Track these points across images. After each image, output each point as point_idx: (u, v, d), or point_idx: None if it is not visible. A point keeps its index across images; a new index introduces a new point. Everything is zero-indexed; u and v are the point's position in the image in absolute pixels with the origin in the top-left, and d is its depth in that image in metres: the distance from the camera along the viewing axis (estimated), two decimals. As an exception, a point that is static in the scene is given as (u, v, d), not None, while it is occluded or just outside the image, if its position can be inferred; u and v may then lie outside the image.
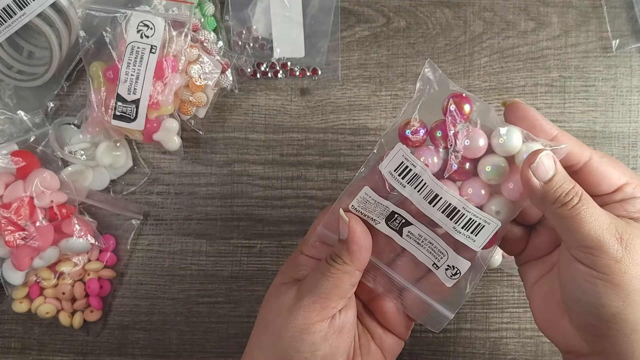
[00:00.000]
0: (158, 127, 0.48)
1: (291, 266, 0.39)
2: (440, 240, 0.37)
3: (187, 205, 0.52)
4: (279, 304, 0.37)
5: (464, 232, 0.36)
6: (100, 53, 0.47)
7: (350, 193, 0.37)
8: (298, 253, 0.40)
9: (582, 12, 0.52)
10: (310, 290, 0.36)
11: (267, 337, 0.37)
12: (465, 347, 0.51)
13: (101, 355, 0.52)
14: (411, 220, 0.36)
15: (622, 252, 0.33)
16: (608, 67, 0.52)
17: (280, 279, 0.39)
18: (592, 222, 0.33)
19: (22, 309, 0.50)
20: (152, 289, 0.52)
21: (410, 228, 0.36)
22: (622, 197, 0.36)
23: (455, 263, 0.37)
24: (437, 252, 0.37)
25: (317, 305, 0.35)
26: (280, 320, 0.36)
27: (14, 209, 0.46)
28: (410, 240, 0.37)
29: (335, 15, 0.51)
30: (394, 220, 0.37)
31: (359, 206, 0.37)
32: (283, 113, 0.52)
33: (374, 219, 0.37)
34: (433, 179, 0.35)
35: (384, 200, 0.36)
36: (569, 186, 0.33)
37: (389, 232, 0.37)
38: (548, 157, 0.33)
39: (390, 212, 0.36)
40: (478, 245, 0.36)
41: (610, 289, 0.33)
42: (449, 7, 0.52)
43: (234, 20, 0.52)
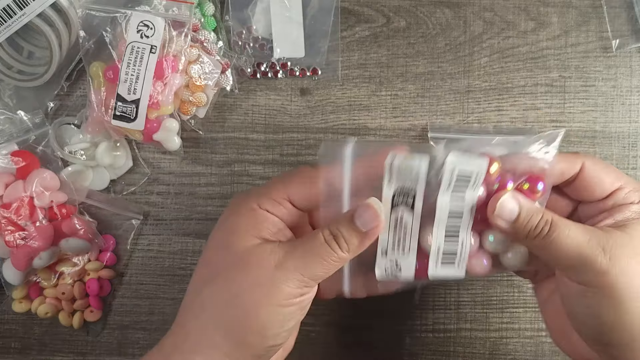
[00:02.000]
0: (158, 127, 0.48)
1: (250, 224, 0.35)
2: (414, 241, 0.36)
3: (187, 205, 0.52)
4: (251, 267, 0.33)
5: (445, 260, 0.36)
6: (100, 53, 0.47)
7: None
8: (256, 207, 0.35)
9: (582, 12, 0.52)
10: (300, 268, 0.33)
11: (234, 307, 0.33)
12: (465, 347, 0.51)
13: (101, 355, 0.52)
14: (415, 207, 0.35)
15: (607, 263, 0.33)
16: (608, 67, 0.52)
17: (232, 237, 0.35)
18: (568, 243, 0.33)
19: (22, 309, 0.50)
20: (152, 289, 0.52)
21: (406, 212, 0.35)
22: (614, 203, 0.36)
23: (403, 263, 0.36)
24: (400, 246, 0.36)
25: (303, 284, 0.33)
26: (256, 291, 0.33)
27: (14, 209, 0.46)
28: (395, 219, 0.35)
29: (335, 15, 0.51)
30: (403, 196, 0.35)
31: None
32: (283, 113, 0.52)
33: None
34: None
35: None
36: (537, 218, 0.34)
37: (387, 199, 0.35)
38: (508, 199, 0.34)
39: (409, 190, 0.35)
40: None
41: (602, 302, 0.33)
42: (449, 7, 0.52)
43: (234, 20, 0.52)
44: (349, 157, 0.35)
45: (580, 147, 0.52)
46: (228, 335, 0.33)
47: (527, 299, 0.51)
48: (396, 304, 0.51)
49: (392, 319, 0.51)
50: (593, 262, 0.33)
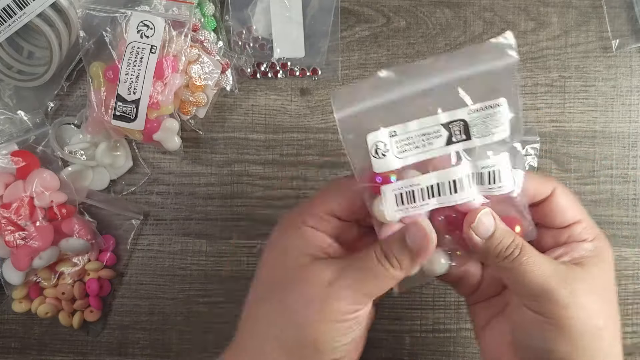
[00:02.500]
0: (158, 127, 0.48)
1: (301, 243, 0.36)
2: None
3: (187, 205, 0.52)
4: (304, 284, 0.34)
5: None
6: (100, 53, 0.47)
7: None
8: (302, 226, 0.36)
9: (582, 12, 0.52)
10: (352, 286, 0.33)
11: (289, 323, 0.34)
12: (465, 347, 0.51)
13: (101, 355, 0.52)
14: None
15: (568, 297, 0.33)
16: (608, 67, 0.52)
17: (285, 256, 0.36)
18: (535, 271, 0.33)
19: (22, 309, 0.50)
20: (152, 289, 0.52)
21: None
22: (569, 236, 0.36)
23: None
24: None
25: (356, 301, 0.34)
26: (310, 307, 0.33)
27: (14, 209, 0.46)
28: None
29: (335, 15, 0.51)
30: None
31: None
32: (283, 113, 0.52)
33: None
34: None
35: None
36: (509, 240, 0.34)
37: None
38: (487, 215, 0.34)
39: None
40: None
41: (558, 334, 0.33)
42: (449, 7, 0.52)
43: (234, 20, 0.52)
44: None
45: (581, 147, 0.52)
46: (284, 351, 0.34)
47: (527, 299, 0.51)
48: (396, 304, 0.51)
49: (392, 319, 0.51)
50: (556, 295, 0.33)
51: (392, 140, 0.33)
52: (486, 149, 0.34)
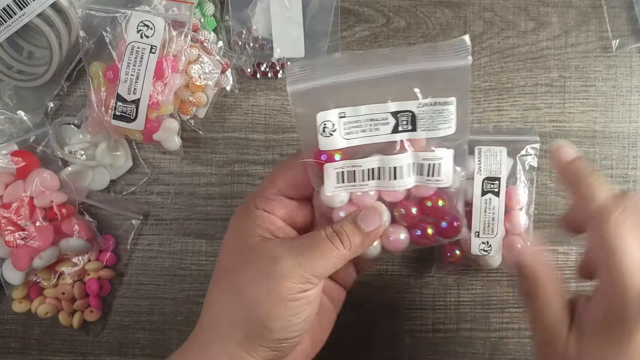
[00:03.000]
0: (158, 127, 0.48)
1: (251, 225, 0.36)
2: (502, 222, 0.46)
3: (187, 205, 0.52)
4: (254, 264, 0.35)
5: None
6: (100, 53, 0.47)
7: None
8: (254, 208, 0.37)
9: (582, 12, 0.52)
10: (301, 264, 0.34)
11: (240, 301, 0.35)
12: (465, 347, 0.51)
13: (101, 355, 0.52)
14: (500, 193, 0.47)
15: (615, 219, 0.32)
16: (608, 67, 0.52)
17: (238, 238, 0.37)
18: (540, 317, 0.35)
19: (22, 309, 0.50)
20: (152, 289, 0.52)
21: (493, 197, 0.46)
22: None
23: (492, 243, 0.46)
24: (489, 227, 0.46)
25: (304, 280, 0.34)
26: (258, 285, 0.34)
27: (14, 209, 0.46)
28: (485, 203, 0.46)
29: (335, 15, 0.51)
30: (491, 184, 0.46)
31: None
32: (283, 113, 0.52)
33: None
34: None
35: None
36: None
37: (479, 190, 0.46)
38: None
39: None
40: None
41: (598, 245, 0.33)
42: (449, 7, 0.52)
43: (234, 20, 0.52)
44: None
45: (581, 147, 0.52)
46: (236, 327, 0.35)
47: (527, 299, 0.51)
48: (396, 304, 0.52)
49: (392, 319, 0.51)
50: (606, 218, 0.33)
51: (340, 121, 0.34)
52: (431, 143, 0.35)
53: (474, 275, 0.51)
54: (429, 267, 0.51)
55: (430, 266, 0.51)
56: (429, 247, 0.38)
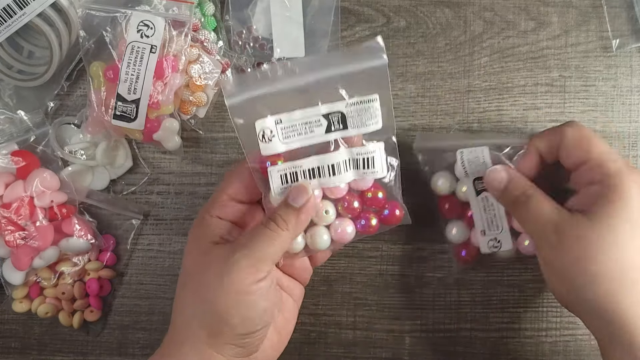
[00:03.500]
0: (158, 126, 0.48)
1: (204, 232, 0.40)
2: (504, 217, 0.44)
3: (187, 205, 0.52)
4: (209, 266, 0.38)
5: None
6: (100, 53, 0.47)
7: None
8: (207, 216, 0.40)
9: (582, 12, 0.52)
10: (246, 254, 0.37)
11: (200, 301, 0.38)
12: (465, 347, 0.51)
13: (101, 355, 0.52)
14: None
15: (555, 241, 0.37)
16: (608, 67, 0.52)
17: (195, 245, 0.40)
18: (533, 218, 0.39)
19: (22, 309, 0.50)
20: (152, 289, 0.52)
21: (487, 194, 0.44)
22: (580, 180, 0.40)
23: (502, 239, 0.45)
24: (494, 224, 0.45)
25: (253, 269, 0.37)
26: (214, 284, 0.37)
27: (14, 208, 0.46)
28: (482, 202, 0.45)
29: (335, 15, 0.51)
30: (480, 183, 0.44)
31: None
32: (283, 113, 0.52)
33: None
34: None
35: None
36: (520, 189, 0.40)
37: (472, 191, 0.45)
38: (498, 169, 0.42)
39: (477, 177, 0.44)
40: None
41: (552, 276, 0.39)
42: (449, 7, 0.52)
43: (234, 20, 0.52)
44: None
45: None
46: (202, 325, 0.38)
47: (527, 298, 0.51)
48: (396, 304, 0.51)
49: (392, 319, 0.51)
50: (545, 238, 0.38)
51: (278, 127, 0.38)
52: (363, 139, 0.39)
53: (474, 275, 0.51)
54: (429, 268, 0.51)
55: (431, 266, 0.51)
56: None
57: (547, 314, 0.51)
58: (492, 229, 0.45)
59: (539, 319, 0.51)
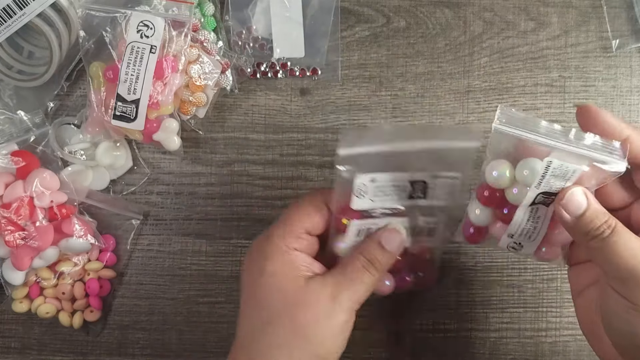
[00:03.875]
0: (158, 127, 0.48)
1: (293, 266, 0.39)
2: (542, 234, 0.39)
3: (187, 205, 0.52)
4: (309, 303, 0.38)
5: None
6: (100, 53, 0.47)
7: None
8: (285, 248, 0.39)
9: (582, 12, 0.52)
10: (351, 297, 0.38)
11: (302, 341, 0.37)
12: (465, 347, 0.51)
13: (101, 355, 0.52)
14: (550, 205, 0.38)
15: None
16: (608, 67, 0.52)
17: (282, 280, 0.38)
18: (624, 253, 0.33)
19: (22, 309, 0.50)
20: (152, 289, 0.52)
21: (542, 208, 0.38)
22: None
23: (526, 245, 0.40)
24: (528, 235, 0.40)
25: (353, 310, 0.38)
26: (321, 326, 0.37)
27: (14, 209, 0.46)
28: (531, 213, 0.38)
29: (335, 15, 0.51)
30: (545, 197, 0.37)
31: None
32: (283, 113, 0.52)
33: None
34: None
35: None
36: (601, 220, 0.34)
37: (529, 200, 0.37)
38: (579, 193, 0.34)
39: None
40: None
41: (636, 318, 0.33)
42: (449, 7, 0.52)
43: (234, 20, 0.52)
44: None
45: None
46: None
47: (527, 299, 0.51)
48: (396, 304, 0.52)
49: (392, 319, 0.51)
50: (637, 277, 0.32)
51: (371, 185, 0.39)
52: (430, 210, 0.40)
53: (474, 276, 0.51)
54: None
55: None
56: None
57: (547, 314, 0.51)
58: (523, 238, 0.40)
59: (539, 319, 0.51)
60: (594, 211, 0.34)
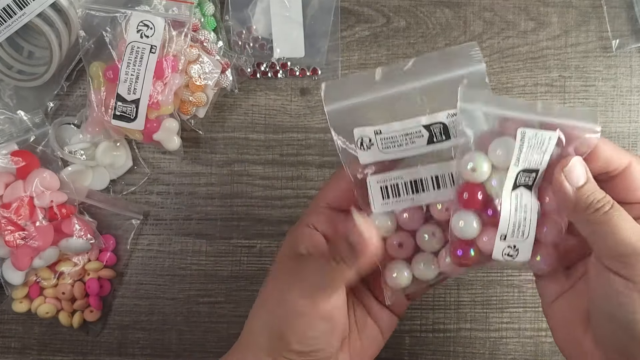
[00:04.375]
0: (158, 127, 0.48)
1: (292, 240, 0.38)
2: (534, 222, 0.35)
3: (187, 205, 0.52)
4: (279, 277, 0.37)
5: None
6: (100, 53, 0.47)
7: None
8: (302, 224, 0.39)
9: (582, 12, 0.52)
10: (302, 280, 0.36)
11: (266, 311, 0.37)
12: (465, 347, 0.51)
13: (101, 355, 0.52)
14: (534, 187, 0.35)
15: None
16: (608, 67, 0.52)
17: (282, 251, 0.39)
18: (627, 228, 0.31)
19: (22, 309, 0.50)
20: (152, 289, 0.52)
21: (525, 193, 0.35)
22: (625, 185, 0.34)
23: (520, 247, 0.35)
24: (520, 230, 0.35)
25: (312, 301, 0.35)
26: (278, 297, 0.36)
27: (14, 209, 0.46)
28: (516, 200, 0.35)
29: (335, 15, 0.51)
30: (525, 176, 0.34)
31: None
32: (283, 113, 0.52)
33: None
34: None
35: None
36: (600, 194, 0.33)
37: (510, 184, 0.34)
38: (580, 163, 0.33)
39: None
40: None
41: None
42: (449, 7, 0.52)
43: (234, 20, 0.52)
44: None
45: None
46: (266, 335, 0.37)
47: (527, 299, 0.51)
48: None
49: (392, 319, 0.52)
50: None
51: (377, 137, 0.35)
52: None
53: (474, 275, 0.51)
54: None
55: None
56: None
57: (547, 314, 0.51)
58: (516, 235, 0.35)
59: (539, 319, 0.51)
60: (593, 183, 0.33)
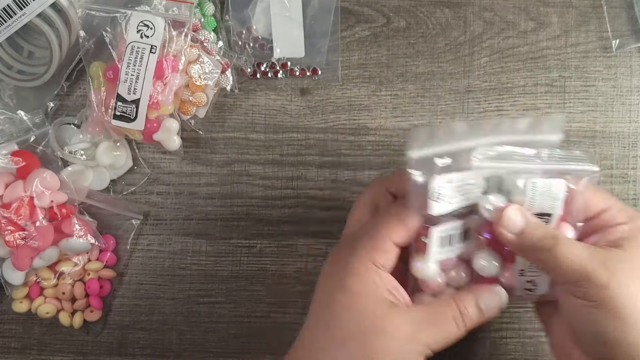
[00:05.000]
0: (158, 127, 0.48)
1: (372, 285, 0.36)
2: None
3: (187, 205, 0.52)
4: (387, 343, 0.35)
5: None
6: (100, 53, 0.47)
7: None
8: (370, 265, 0.37)
9: (582, 12, 0.52)
10: (429, 343, 0.36)
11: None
12: (466, 347, 0.51)
13: (101, 355, 0.52)
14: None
15: (607, 277, 0.34)
16: (608, 67, 0.52)
17: (361, 300, 0.36)
18: (570, 257, 0.34)
19: (22, 309, 0.50)
20: (152, 289, 0.52)
21: None
22: (604, 223, 0.37)
23: (539, 281, 0.38)
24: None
25: (427, 355, 0.36)
26: (399, 347, 0.35)
27: (14, 209, 0.46)
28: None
29: (335, 15, 0.51)
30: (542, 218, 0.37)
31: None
32: (283, 113, 0.52)
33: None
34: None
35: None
36: (541, 232, 0.35)
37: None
38: (514, 211, 0.35)
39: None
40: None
41: (605, 316, 0.34)
42: (449, 7, 0.52)
43: (234, 20, 0.52)
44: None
45: (580, 147, 0.52)
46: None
47: (527, 299, 0.51)
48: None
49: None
50: (594, 276, 0.34)
51: (448, 186, 0.35)
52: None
53: (474, 275, 0.51)
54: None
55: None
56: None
57: (547, 314, 0.51)
58: (533, 269, 0.38)
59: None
60: (533, 225, 0.35)
